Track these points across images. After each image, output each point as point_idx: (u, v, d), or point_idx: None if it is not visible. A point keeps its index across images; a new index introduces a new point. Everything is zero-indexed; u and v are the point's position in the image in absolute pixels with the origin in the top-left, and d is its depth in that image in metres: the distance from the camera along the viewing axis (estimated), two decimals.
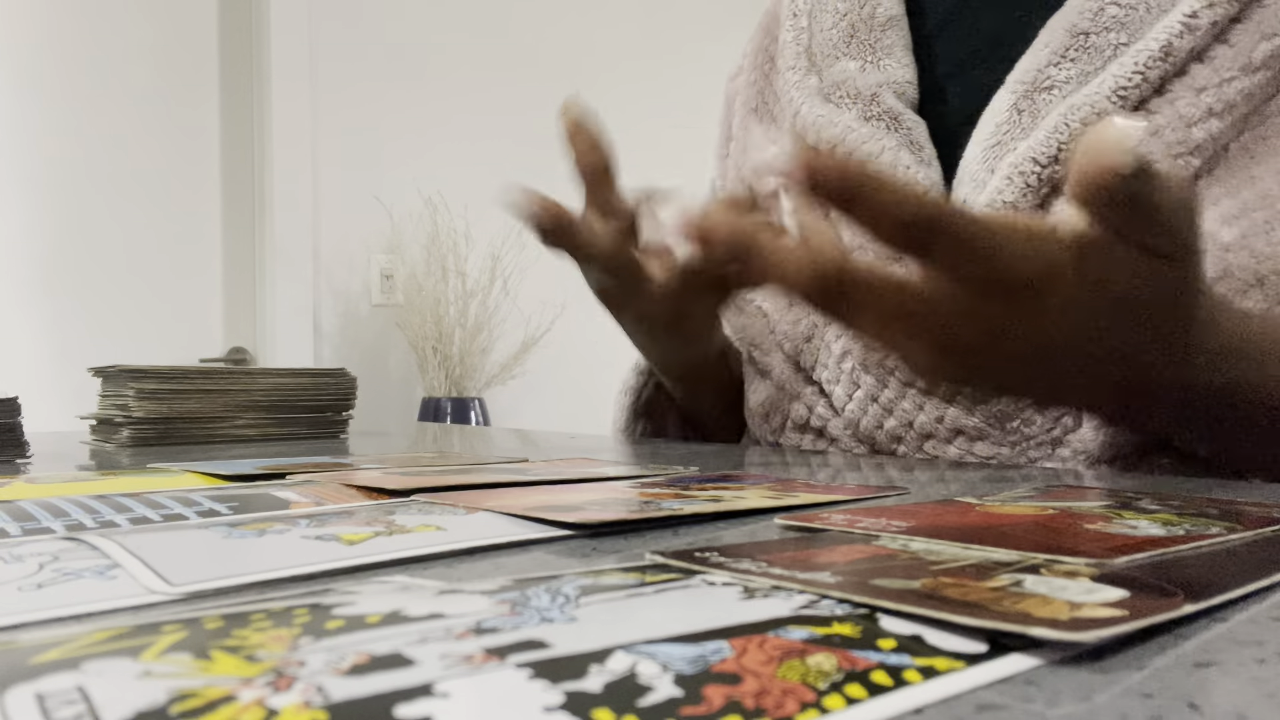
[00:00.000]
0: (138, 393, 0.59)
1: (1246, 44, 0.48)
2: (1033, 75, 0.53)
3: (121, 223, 2.06)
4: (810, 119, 0.60)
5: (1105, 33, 0.51)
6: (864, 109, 0.58)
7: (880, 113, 0.57)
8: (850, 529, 0.24)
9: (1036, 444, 0.49)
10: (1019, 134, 0.52)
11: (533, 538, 0.24)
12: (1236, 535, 0.23)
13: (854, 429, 0.56)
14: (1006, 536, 0.22)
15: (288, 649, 0.13)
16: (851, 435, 0.56)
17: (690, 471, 0.39)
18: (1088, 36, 0.52)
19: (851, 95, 0.59)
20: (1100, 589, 0.17)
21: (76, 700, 0.11)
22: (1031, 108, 0.52)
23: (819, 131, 0.59)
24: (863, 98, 0.59)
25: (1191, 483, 0.38)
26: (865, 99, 0.58)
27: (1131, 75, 0.49)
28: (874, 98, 0.58)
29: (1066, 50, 0.52)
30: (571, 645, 0.14)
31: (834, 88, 0.60)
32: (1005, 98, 0.53)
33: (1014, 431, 0.50)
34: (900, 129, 0.57)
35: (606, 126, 0.51)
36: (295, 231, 2.16)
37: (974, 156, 0.53)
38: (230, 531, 0.24)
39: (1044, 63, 0.52)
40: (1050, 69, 0.52)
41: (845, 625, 0.15)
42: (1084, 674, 0.13)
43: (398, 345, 2.28)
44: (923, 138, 0.57)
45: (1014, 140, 0.52)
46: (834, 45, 0.63)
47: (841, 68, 0.61)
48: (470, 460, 0.45)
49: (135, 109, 2.07)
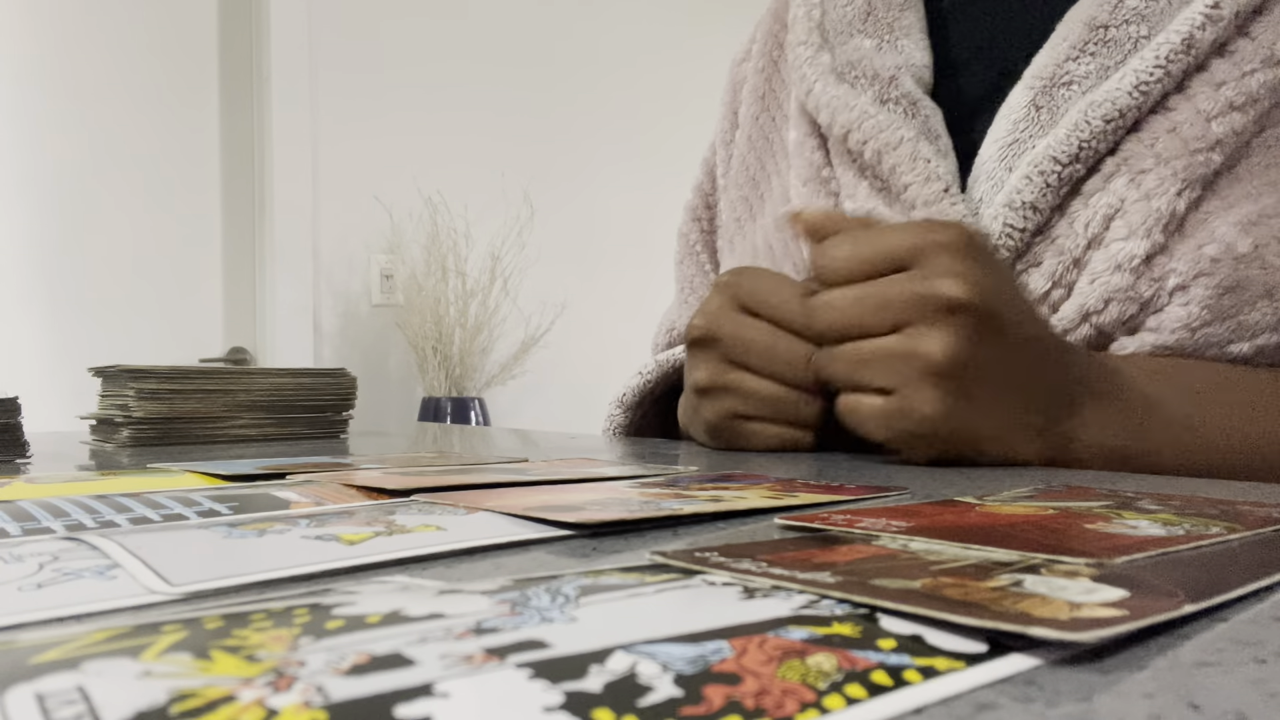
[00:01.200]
0: (138, 393, 0.59)
1: (1268, 37, 0.48)
2: (1051, 70, 0.51)
3: (122, 223, 2.06)
4: (825, 99, 0.58)
5: (1125, 25, 0.50)
6: (881, 90, 0.56)
7: (899, 96, 0.56)
8: (850, 529, 0.24)
9: None
10: (1037, 131, 0.51)
11: (533, 538, 0.24)
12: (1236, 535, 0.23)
13: None
14: (1006, 536, 0.22)
15: (288, 649, 0.13)
16: None
17: (690, 471, 0.39)
18: (1106, 30, 0.51)
19: (868, 76, 0.57)
20: (1100, 589, 0.17)
21: (76, 700, 0.11)
22: (1050, 104, 0.51)
23: (834, 114, 0.57)
24: (880, 79, 0.57)
25: (1192, 483, 0.38)
26: (884, 80, 0.57)
27: (1153, 69, 0.48)
28: (893, 80, 0.56)
29: (1085, 44, 0.51)
30: (571, 645, 0.14)
31: (848, 66, 0.59)
32: (1023, 94, 0.52)
33: None
34: (918, 115, 0.55)
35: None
36: (295, 231, 2.16)
37: (990, 155, 0.52)
38: (230, 531, 0.24)
39: (1062, 57, 0.51)
40: (1069, 64, 0.51)
41: (845, 625, 0.15)
42: (1084, 674, 0.13)
43: (398, 345, 2.28)
44: (939, 126, 0.55)
45: (1032, 138, 0.51)
46: (849, 22, 0.61)
47: (856, 45, 0.60)
48: (470, 460, 0.45)
49: (135, 109, 2.07)
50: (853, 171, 0.57)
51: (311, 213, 2.19)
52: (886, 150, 0.53)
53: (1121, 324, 0.48)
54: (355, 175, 2.24)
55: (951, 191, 0.51)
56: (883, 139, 0.54)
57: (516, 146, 2.42)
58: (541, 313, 2.37)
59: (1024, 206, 0.49)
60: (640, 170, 2.57)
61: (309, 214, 2.18)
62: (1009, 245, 0.50)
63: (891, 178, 0.53)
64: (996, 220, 0.50)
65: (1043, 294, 0.49)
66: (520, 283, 2.31)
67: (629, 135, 2.57)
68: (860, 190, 0.56)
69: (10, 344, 1.95)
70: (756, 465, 0.43)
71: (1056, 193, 0.49)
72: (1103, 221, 0.48)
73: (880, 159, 0.54)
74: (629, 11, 2.62)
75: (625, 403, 0.67)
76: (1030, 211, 0.49)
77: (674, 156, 2.43)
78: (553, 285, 2.43)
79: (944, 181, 0.51)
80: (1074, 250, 0.49)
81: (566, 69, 2.51)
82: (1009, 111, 0.53)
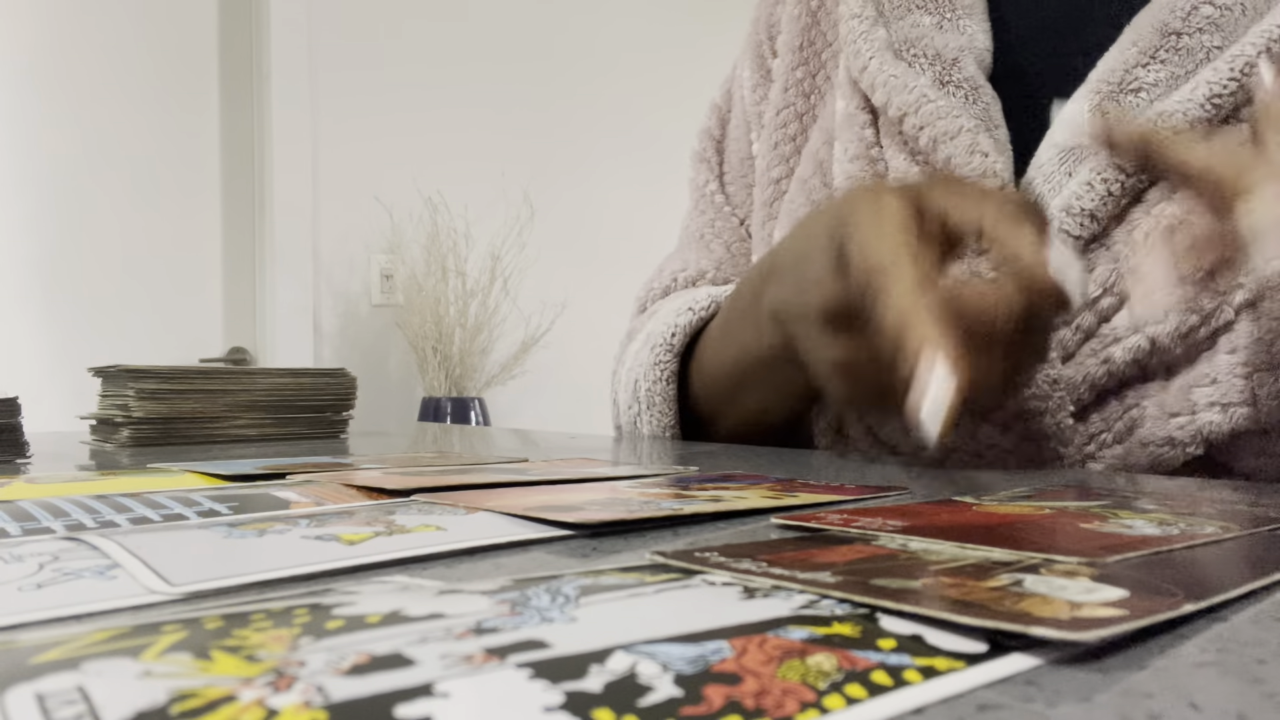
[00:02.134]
0: (138, 393, 0.59)
1: None
2: (1119, 75, 0.49)
3: (122, 223, 2.06)
4: (881, 78, 0.55)
5: (1198, 34, 0.48)
6: (942, 72, 0.54)
7: (960, 80, 0.53)
8: (847, 529, 0.24)
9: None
10: None
11: (533, 538, 0.24)
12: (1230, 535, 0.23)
13: None
14: (1004, 536, 0.22)
15: (288, 649, 0.13)
16: None
17: (690, 471, 0.39)
18: (1179, 37, 0.48)
19: (928, 55, 0.55)
20: (1100, 588, 0.17)
21: (76, 700, 0.11)
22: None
23: (890, 94, 0.54)
24: (942, 60, 0.54)
25: (1190, 483, 0.38)
26: (946, 62, 0.54)
27: (1227, 82, 0.46)
28: (955, 62, 0.54)
29: (1156, 51, 0.49)
30: (571, 645, 0.14)
31: (906, 44, 0.56)
32: (1088, 97, 0.50)
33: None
34: (979, 103, 0.53)
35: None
36: (295, 232, 2.16)
37: (1050, 157, 0.50)
38: (230, 531, 0.24)
39: (1131, 63, 0.49)
40: (1138, 70, 0.49)
41: (845, 625, 0.15)
42: (1084, 674, 0.13)
43: (398, 345, 2.28)
44: (999, 116, 0.53)
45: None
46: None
47: (914, 21, 0.57)
48: (470, 460, 0.45)
49: (135, 109, 2.07)
50: (904, 155, 0.55)
51: (311, 213, 2.19)
52: (943, 139, 0.52)
53: (1181, 337, 0.45)
54: (355, 175, 2.24)
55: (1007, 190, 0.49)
56: (941, 126, 0.52)
57: (516, 146, 2.42)
58: (541, 313, 2.37)
59: (1082, 214, 0.47)
60: (641, 170, 2.57)
61: (309, 214, 2.18)
62: None
63: (945, 168, 0.51)
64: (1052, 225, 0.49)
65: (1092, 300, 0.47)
66: (520, 283, 2.31)
67: (629, 135, 2.57)
68: (910, 175, 0.54)
69: (10, 344, 1.95)
70: (757, 465, 0.43)
71: (1118, 202, 0.47)
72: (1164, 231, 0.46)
73: (935, 147, 0.52)
74: (629, 11, 2.62)
75: (676, 346, 0.59)
76: (1088, 220, 0.47)
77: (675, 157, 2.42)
78: (553, 285, 2.42)
79: (999, 179, 0.50)
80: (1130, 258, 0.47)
81: (567, 69, 2.51)
82: (1073, 115, 0.50)
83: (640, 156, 2.58)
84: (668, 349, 0.58)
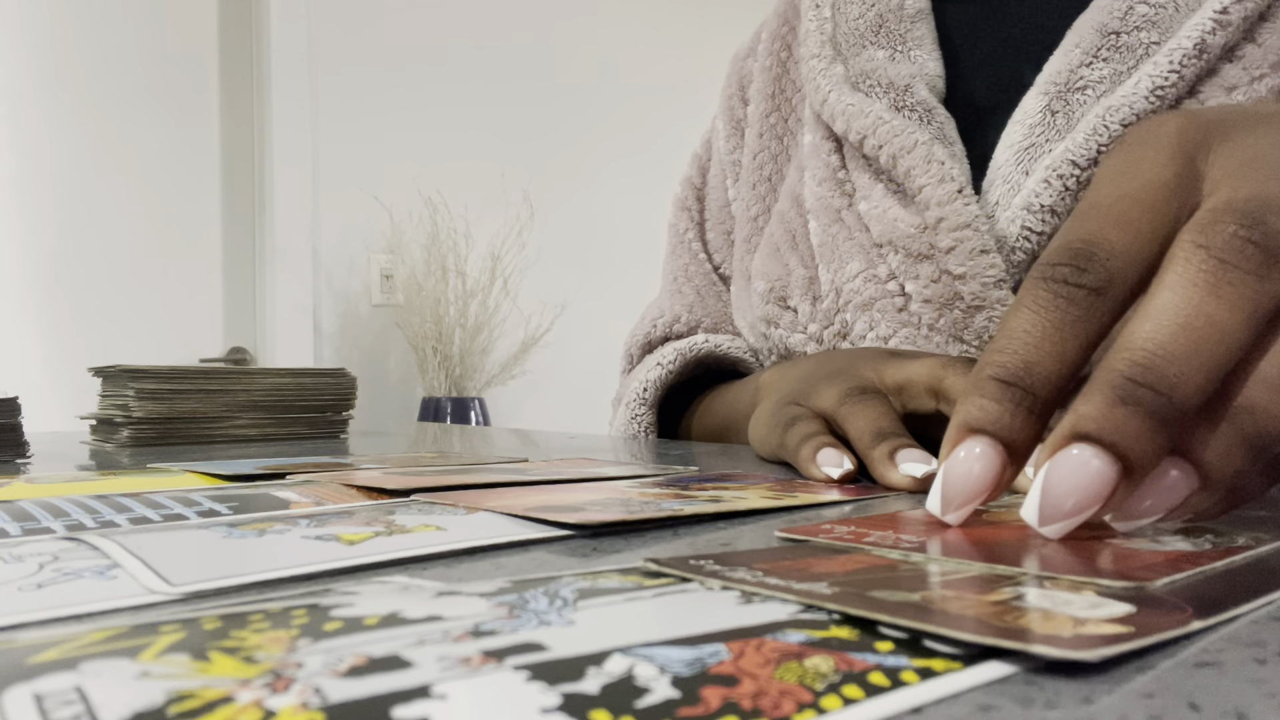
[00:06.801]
0: (138, 393, 0.59)
1: (1274, 42, 0.49)
2: (1065, 76, 0.52)
3: (122, 223, 2.06)
4: (840, 107, 0.59)
5: (1136, 32, 0.51)
6: (896, 99, 0.57)
7: (914, 104, 0.57)
8: (857, 544, 0.24)
9: None
10: (1053, 135, 0.51)
11: (532, 538, 0.24)
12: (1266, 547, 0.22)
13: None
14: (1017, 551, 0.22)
15: (286, 650, 0.13)
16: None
17: (690, 471, 0.39)
18: (1118, 36, 0.51)
19: (883, 85, 0.58)
20: (1106, 604, 0.16)
21: (74, 700, 0.11)
22: (1065, 109, 0.52)
23: (849, 121, 0.58)
24: (895, 88, 0.58)
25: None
26: (899, 89, 0.58)
27: (1167, 74, 0.48)
28: (907, 89, 0.57)
29: (1098, 50, 0.52)
30: (569, 647, 0.14)
31: (862, 76, 0.60)
32: (1037, 99, 0.53)
33: None
34: (933, 122, 0.56)
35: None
36: (295, 231, 2.16)
37: (1006, 159, 0.53)
38: (230, 531, 0.24)
39: (1076, 63, 0.52)
40: (1083, 69, 0.52)
41: (843, 628, 0.15)
42: (1084, 674, 0.13)
43: (398, 345, 2.28)
44: (953, 132, 0.56)
45: (1048, 142, 0.52)
46: (860, 34, 0.62)
47: (869, 56, 0.61)
48: (470, 460, 0.45)
49: (135, 109, 2.07)
50: (868, 174, 0.58)
51: (311, 213, 2.19)
52: (901, 154, 0.54)
53: None
54: (355, 175, 2.24)
55: (965, 193, 0.51)
56: (898, 143, 0.54)
57: (516, 147, 2.42)
58: (541, 313, 2.37)
59: (1042, 210, 0.50)
60: (641, 170, 2.57)
61: (309, 214, 2.18)
62: (1026, 248, 0.50)
63: (907, 180, 0.54)
64: (1014, 223, 0.51)
65: None
66: (520, 283, 2.31)
67: (630, 135, 2.57)
68: (876, 191, 0.56)
69: (10, 344, 1.95)
70: (756, 465, 0.43)
71: (1074, 196, 0.49)
72: None
73: (895, 163, 0.54)
74: (629, 11, 2.62)
75: (648, 399, 0.66)
76: (1049, 215, 0.50)
77: (675, 156, 2.42)
78: (553, 285, 2.43)
79: (958, 183, 0.52)
80: None
81: (567, 69, 2.51)
82: (1024, 116, 0.53)
83: (640, 157, 2.58)
84: (641, 403, 0.67)
